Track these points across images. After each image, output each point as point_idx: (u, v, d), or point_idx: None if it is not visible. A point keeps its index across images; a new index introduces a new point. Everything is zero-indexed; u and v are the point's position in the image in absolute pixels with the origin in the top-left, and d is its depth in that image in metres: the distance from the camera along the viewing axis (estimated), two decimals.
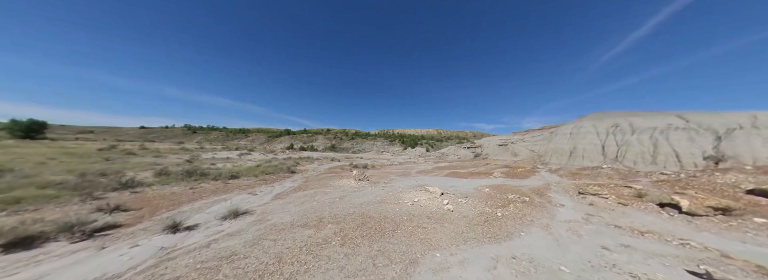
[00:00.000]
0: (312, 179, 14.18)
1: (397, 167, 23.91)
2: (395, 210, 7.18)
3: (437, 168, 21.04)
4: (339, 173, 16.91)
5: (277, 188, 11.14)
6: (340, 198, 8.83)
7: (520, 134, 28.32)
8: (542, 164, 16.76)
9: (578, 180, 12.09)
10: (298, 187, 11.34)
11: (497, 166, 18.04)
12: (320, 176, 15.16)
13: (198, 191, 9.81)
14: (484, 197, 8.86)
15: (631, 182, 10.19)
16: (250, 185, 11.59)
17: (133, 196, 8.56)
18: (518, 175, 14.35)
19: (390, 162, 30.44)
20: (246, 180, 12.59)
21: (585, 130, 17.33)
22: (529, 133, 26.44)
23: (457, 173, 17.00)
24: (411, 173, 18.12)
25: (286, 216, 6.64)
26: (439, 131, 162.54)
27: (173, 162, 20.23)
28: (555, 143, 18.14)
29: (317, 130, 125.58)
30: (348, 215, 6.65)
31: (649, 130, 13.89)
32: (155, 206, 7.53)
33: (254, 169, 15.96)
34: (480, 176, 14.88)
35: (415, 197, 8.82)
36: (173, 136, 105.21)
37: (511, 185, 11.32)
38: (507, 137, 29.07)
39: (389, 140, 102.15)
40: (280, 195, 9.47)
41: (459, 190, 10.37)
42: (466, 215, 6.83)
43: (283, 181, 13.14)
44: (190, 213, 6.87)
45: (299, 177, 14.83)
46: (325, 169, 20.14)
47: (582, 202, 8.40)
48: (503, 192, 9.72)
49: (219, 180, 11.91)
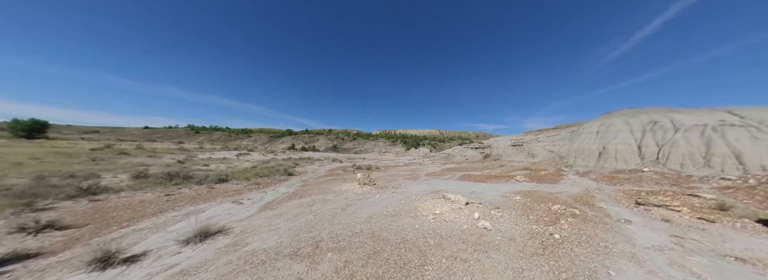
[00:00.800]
0: (311, 182, 12.45)
1: (402, 168, 22.13)
2: (415, 228, 5.43)
3: (447, 170, 19.24)
4: (341, 176, 15.18)
5: (269, 194, 9.41)
6: (343, 209, 7.08)
7: (532, 134, 26.43)
8: (566, 167, 14.91)
9: (620, 185, 10.26)
10: (293, 193, 9.61)
11: (514, 168, 16.22)
12: (320, 179, 13.43)
13: (174, 198, 8.11)
14: (521, 209, 7.07)
15: (691, 189, 8.38)
16: (239, 190, 9.87)
17: (88, 206, 6.86)
18: (544, 179, 12.52)
19: (394, 163, 28.69)
20: (235, 184, 10.89)
21: (616, 128, 15.42)
22: (542, 132, 24.58)
23: (471, 175, 15.20)
24: (420, 175, 16.35)
25: (271, 238, 4.91)
26: (441, 132, 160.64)
27: (164, 163, 18.63)
28: (579, 142, 16.27)
29: (319, 131, 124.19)
30: (354, 236, 4.91)
31: (697, 128, 12.00)
32: (107, 220, 5.82)
33: (248, 171, 14.28)
34: (500, 180, 13.07)
35: (436, 207, 7.07)
36: (176, 136, 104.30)
37: (544, 192, 9.51)
38: (518, 137, 27.17)
39: (391, 140, 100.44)
40: (271, 204, 7.74)
41: (484, 198, 8.59)
42: (512, 236, 5.06)
43: (277, 185, 11.42)
44: (145, 233, 5.15)
45: (297, 180, 13.11)
46: (326, 170, 18.43)
47: (649, 216, 6.58)
48: (540, 201, 7.92)
49: (204, 184, 10.22)
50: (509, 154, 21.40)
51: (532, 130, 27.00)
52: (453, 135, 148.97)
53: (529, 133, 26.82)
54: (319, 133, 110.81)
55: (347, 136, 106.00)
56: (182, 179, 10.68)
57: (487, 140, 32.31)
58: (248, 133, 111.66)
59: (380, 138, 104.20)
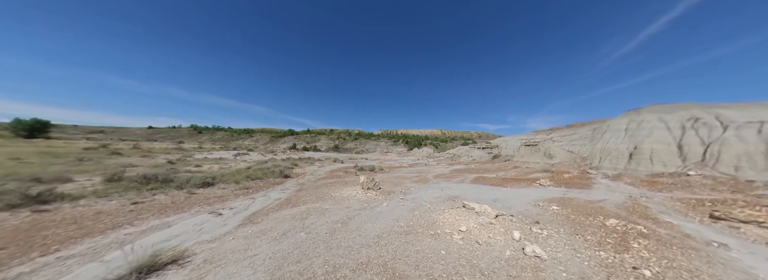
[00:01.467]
0: (308, 186, 10.98)
1: (408, 169, 20.63)
2: (440, 255, 3.95)
3: (456, 171, 17.71)
4: (342, 178, 13.71)
5: (257, 201, 7.96)
6: (344, 223, 5.62)
7: (543, 133, 24.80)
8: (592, 169, 13.32)
9: (668, 192, 8.70)
10: (286, 200, 8.15)
11: (532, 170, 14.68)
12: (319, 182, 11.97)
13: (141, 207, 6.69)
14: (568, 224, 5.56)
15: (764, 198, 6.83)
16: (224, 196, 8.44)
17: (26, 219, 5.45)
18: (571, 183, 10.97)
19: (398, 164, 27.18)
20: (221, 188, 9.45)
21: (649, 125, 13.75)
22: (555, 131, 22.96)
23: (485, 178, 13.65)
24: (428, 177, 14.84)
25: (242, 273, 3.44)
26: (443, 132, 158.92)
27: (154, 163, 17.28)
28: (604, 142, 14.64)
29: (320, 131, 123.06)
30: (360, 270, 3.43)
31: (752, 125, 10.39)
32: (34, 242, 4.39)
33: (240, 172, 12.86)
34: (520, 184, 11.53)
35: (459, 221, 5.58)
36: (179, 136, 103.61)
37: (581, 200, 7.97)
38: (529, 137, 25.55)
39: (393, 140, 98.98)
40: (256, 216, 6.28)
41: (513, 207, 7.08)
42: (581, 271, 3.55)
43: (270, 189, 9.97)
44: (69, 265, 3.70)
45: (293, 184, 11.65)
46: (326, 172, 16.97)
47: (743, 236, 5.03)
48: (585, 212, 6.40)
49: (184, 189, 8.79)
50: (522, 154, 19.80)
51: (544, 129, 25.38)
52: (455, 135, 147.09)
53: (539, 132, 25.21)
54: (321, 133, 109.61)
55: (349, 136, 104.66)
56: (161, 182, 9.26)
57: (495, 140, 30.73)
58: (250, 134, 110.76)
59: (382, 138, 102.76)
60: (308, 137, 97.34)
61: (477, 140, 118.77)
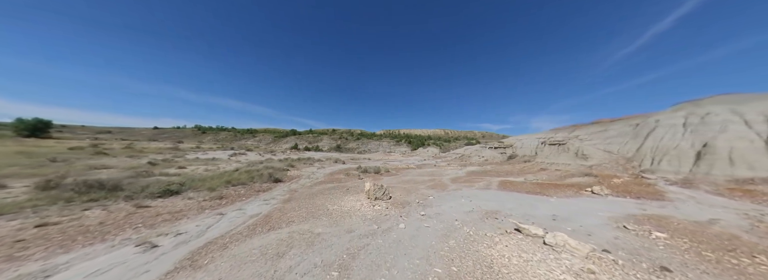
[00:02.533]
0: (300, 194, 8.67)
1: (417, 171, 18.27)
2: None
3: (474, 174, 15.31)
4: (343, 182, 11.41)
5: (226, 218, 5.69)
6: (344, 266, 3.32)
7: (563, 131, 22.21)
8: (645, 172, 10.84)
9: None
10: (265, 217, 5.86)
11: (567, 173, 12.24)
12: (315, 189, 9.66)
13: (46, 232, 4.46)
14: (716, 271, 3.19)
15: None
16: (182, 210, 6.18)
17: None
18: (633, 191, 8.54)
19: (405, 165, 24.77)
20: (186, 199, 7.20)
21: (718, 118, 11.22)
22: (579, 129, 20.41)
23: (512, 183, 11.24)
24: (444, 182, 12.47)
25: None
26: (446, 132, 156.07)
27: (131, 165, 15.13)
28: (655, 140, 12.12)
29: (323, 131, 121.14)
30: None
31: None
32: None
33: (222, 176, 10.63)
34: (565, 191, 9.12)
35: (529, 264, 3.26)
36: (184, 136, 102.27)
37: (682, 220, 5.56)
38: (547, 135, 23.00)
39: (395, 140, 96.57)
40: (206, 251, 4.00)
41: (590, 231, 4.74)
42: None
43: (250, 199, 7.69)
44: None
45: (282, 190, 9.35)
46: (325, 175, 14.70)
47: None
48: (714, 245, 4.05)
49: (134, 200, 6.56)
50: (546, 155, 17.30)
51: (564, 127, 22.80)
52: (458, 135, 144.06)
53: (559, 130, 22.65)
54: (323, 133, 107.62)
55: (351, 136, 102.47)
56: (108, 190, 7.03)
57: (507, 139, 28.21)
58: (253, 134, 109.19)
59: (384, 138, 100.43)
60: (310, 137, 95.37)
61: (480, 139, 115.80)
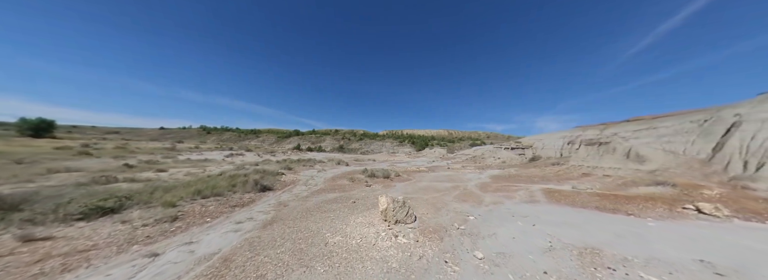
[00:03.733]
0: (290, 211, 6.30)
1: (430, 175, 15.85)
2: None
3: (499, 180, 12.85)
4: (347, 191, 9.06)
5: (154, 265, 3.36)
6: None
7: (593, 129, 19.44)
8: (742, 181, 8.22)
9: None
10: (222, 262, 3.52)
11: (624, 180, 9.65)
12: (311, 202, 7.29)
13: None
14: None
15: None
16: (95, 247, 3.87)
17: None
18: (762, 212, 6.05)
19: (415, 167, 22.28)
20: (126, 221, 4.90)
21: None
22: (611, 126, 17.71)
23: (563, 194, 8.69)
24: (471, 190, 10.03)
25: None
26: (449, 132, 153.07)
27: (103, 168, 13.00)
28: (743, 138, 9.44)
29: (325, 131, 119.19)
30: None
31: None
32: None
33: (197, 183, 8.36)
34: (650, 208, 6.64)
35: None
36: (189, 136, 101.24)
37: None
38: (573, 134, 20.35)
39: (399, 140, 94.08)
40: None
41: None
42: None
43: (217, 221, 5.36)
44: None
45: (268, 204, 7.00)
46: (327, 179, 12.38)
47: None
48: None
49: (36, 225, 4.29)
50: (583, 157, 14.68)
51: (594, 125, 20.05)
52: (462, 135, 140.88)
53: (587, 128, 19.96)
54: (326, 134, 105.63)
55: (354, 136, 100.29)
56: (5, 210, 4.77)
57: (525, 139, 25.64)
58: (257, 134, 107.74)
59: (387, 138, 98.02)
60: (313, 138, 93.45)
61: (486, 140, 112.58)
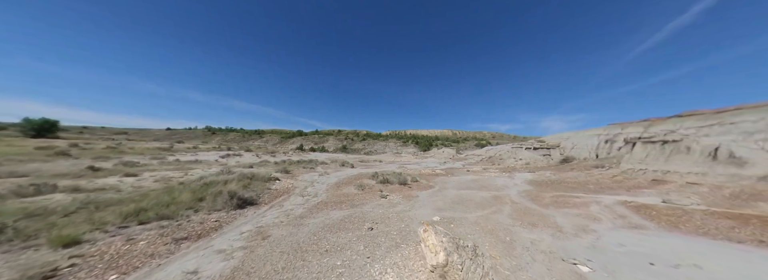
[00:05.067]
0: (269, 248, 3.83)
1: (453, 180, 13.30)
2: None
3: (543, 186, 10.26)
4: (358, 205, 6.57)
5: None
6: None
7: (633, 126, 16.46)
8: None
9: None
10: None
11: (729, 191, 7.04)
12: (304, 226, 4.81)
13: None
14: None
15: None
16: None
17: None
18: None
19: (429, 170, 19.65)
20: None
21: None
22: (657, 123, 14.84)
23: (663, 214, 6.09)
24: (518, 201, 7.47)
25: None
26: (454, 132, 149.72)
27: (60, 171, 10.81)
28: None
29: (328, 131, 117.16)
30: None
31: None
32: None
33: (149, 196, 5.98)
34: None
35: None
36: (194, 136, 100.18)
37: None
38: (608, 132, 17.60)
39: (402, 140, 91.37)
40: None
41: None
42: None
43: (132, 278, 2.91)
44: None
45: (238, 232, 4.52)
46: (330, 186, 9.91)
47: None
48: None
49: None
50: (640, 158, 11.94)
51: (633, 121, 17.21)
52: (467, 135, 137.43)
53: (627, 125, 17.12)
54: (329, 134, 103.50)
55: (357, 136, 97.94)
56: None
57: (549, 138, 22.92)
58: (261, 134, 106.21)
59: (390, 138, 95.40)
60: (316, 138, 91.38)
61: (491, 140, 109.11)
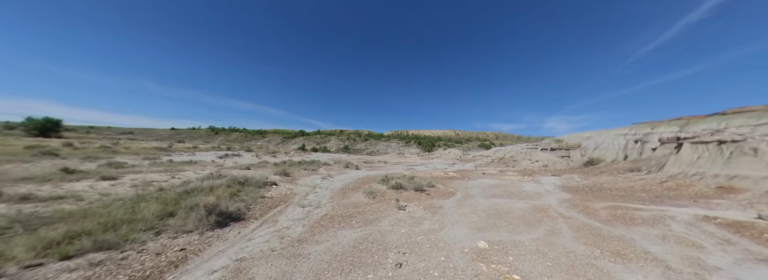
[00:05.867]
0: None
1: (470, 184, 11.80)
2: None
3: (583, 194, 8.76)
4: (371, 222, 5.12)
5: None
6: None
7: (668, 125, 14.72)
8: None
9: None
10: None
11: None
12: (302, 262, 3.37)
13: None
14: None
15: None
16: None
17: None
18: None
19: (441, 172, 18.03)
20: None
21: None
22: (710, 119, 13.00)
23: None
24: (568, 214, 6.00)
25: None
26: (456, 132, 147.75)
27: (46, 172, 9.56)
28: None
29: (330, 132, 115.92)
30: None
31: None
32: None
33: (103, 212, 4.62)
34: None
35: None
36: (197, 136, 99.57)
37: None
38: (639, 131, 15.97)
39: (404, 141, 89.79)
40: None
41: None
42: None
43: None
44: None
45: (207, 273, 3.10)
46: (335, 192, 8.47)
47: None
48: None
49: None
50: (690, 161, 10.36)
51: (664, 120, 15.59)
52: (470, 136, 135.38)
53: (658, 124, 15.50)
54: (331, 134, 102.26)
55: (359, 136, 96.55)
56: None
57: (567, 138, 21.32)
58: (263, 134, 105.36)
59: (393, 139, 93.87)
60: (318, 138, 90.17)
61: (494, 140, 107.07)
